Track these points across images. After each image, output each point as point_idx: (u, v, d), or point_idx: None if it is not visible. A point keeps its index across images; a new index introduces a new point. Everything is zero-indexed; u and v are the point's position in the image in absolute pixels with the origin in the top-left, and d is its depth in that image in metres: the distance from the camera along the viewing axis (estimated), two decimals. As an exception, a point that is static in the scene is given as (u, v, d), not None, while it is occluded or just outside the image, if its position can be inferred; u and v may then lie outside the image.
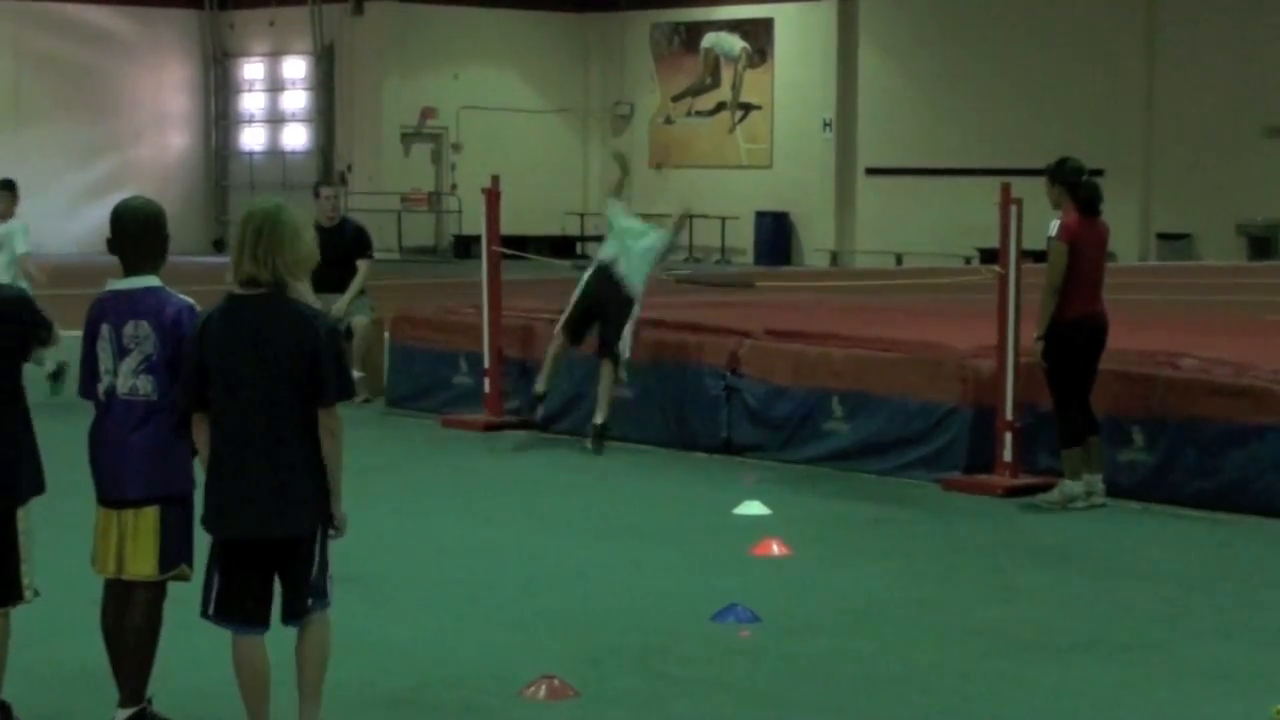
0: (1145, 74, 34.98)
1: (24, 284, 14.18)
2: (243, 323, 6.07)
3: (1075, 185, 11.37)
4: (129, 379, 6.38)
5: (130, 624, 6.43)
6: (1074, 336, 11.14)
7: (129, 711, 6.43)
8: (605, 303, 13.68)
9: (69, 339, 6.89)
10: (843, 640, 8.14)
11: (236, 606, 6.19)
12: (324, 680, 6.35)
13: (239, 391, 6.05)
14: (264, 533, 6.12)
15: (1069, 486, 11.20)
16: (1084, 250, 11.18)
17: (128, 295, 6.42)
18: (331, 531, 6.24)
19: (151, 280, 6.44)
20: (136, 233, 6.44)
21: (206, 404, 6.13)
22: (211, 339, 6.09)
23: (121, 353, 6.38)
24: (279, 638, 6.34)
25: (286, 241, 6.04)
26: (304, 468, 6.09)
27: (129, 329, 6.37)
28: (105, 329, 6.41)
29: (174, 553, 6.43)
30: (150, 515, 6.39)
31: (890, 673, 7.61)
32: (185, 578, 6.49)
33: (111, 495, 6.43)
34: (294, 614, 6.26)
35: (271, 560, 6.19)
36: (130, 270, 6.45)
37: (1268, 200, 33.44)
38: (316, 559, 6.21)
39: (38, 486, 6.51)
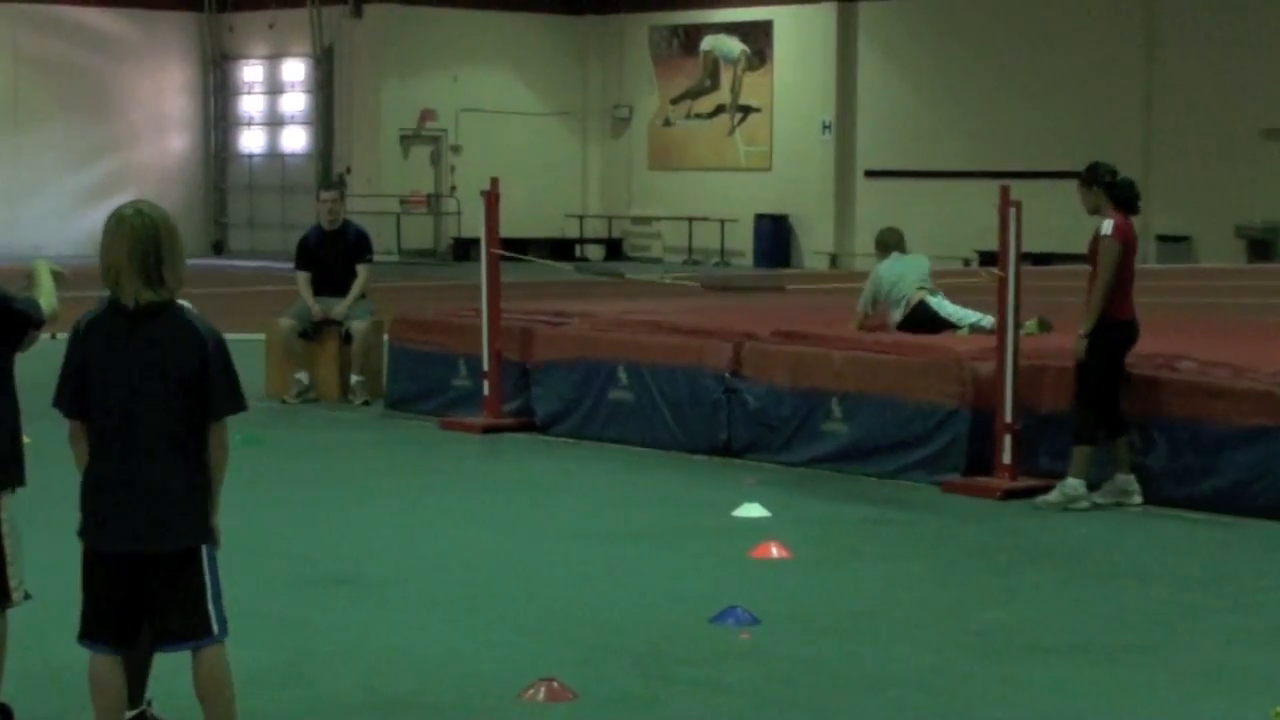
0: (1145, 75, 35.00)
1: None
2: (127, 328, 5.85)
3: (1112, 185, 11.41)
4: None
5: None
6: (1118, 336, 11.24)
7: (129, 714, 6.42)
8: None
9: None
10: (842, 642, 8.14)
11: (103, 624, 5.93)
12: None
13: (118, 399, 5.83)
14: (135, 546, 5.85)
15: (1072, 485, 11.19)
16: (1129, 250, 11.28)
17: None
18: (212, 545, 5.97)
19: None
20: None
21: (86, 409, 5.91)
22: (93, 342, 5.88)
23: None
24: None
25: (179, 253, 5.86)
26: (184, 482, 5.85)
27: None
28: None
29: None
30: None
31: (890, 675, 7.60)
32: None
33: None
34: (170, 637, 5.95)
35: (143, 577, 5.89)
36: None
37: (1267, 202, 33.46)
38: (201, 581, 5.90)
39: (16, 478, 6.47)
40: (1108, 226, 11.22)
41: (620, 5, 41.73)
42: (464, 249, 37.79)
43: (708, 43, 40.57)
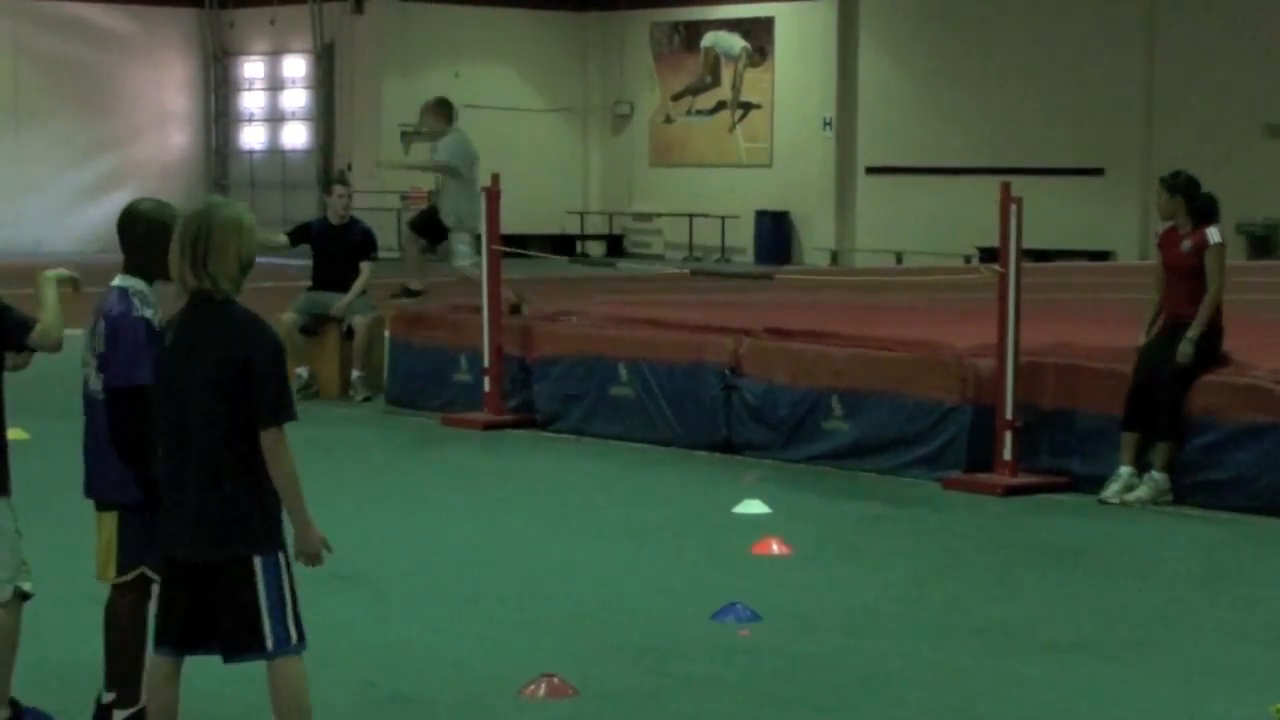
0: (1145, 74, 34.96)
1: None
2: (184, 325, 5.77)
3: (1194, 197, 11.54)
4: (95, 377, 6.36)
5: (113, 626, 6.41)
6: (1217, 342, 11.35)
7: (127, 712, 6.41)
8: None
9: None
10: (843, 639, 8.14)
11: (166, 626, 5.85)
12: None
13: (170, 398, 5.76)
14: (188, 554, 5.76)
15: (1162, 479, 11.21)
16: None
17: (109, 293, 6.40)
18: (301, 560, 5.85)
19: (128, 281, 6.37)
20: (126, 234, 6.39)
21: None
22: (161, 348, 5.84)
23: (92, 350, 6.38)
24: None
25: (231, 249, 5.72)
26: (230, 489, 5.69)
27: (98, 327, 6.35)
28: (91, 322, 6.41)
29: (131, 558, 6.35)
30: (110, 519, 6.35)
31: (890, 671, 7.61)
32: (152, 581, 6.35)
33: (88, 494, 6.44)
34: (233, 649, 5.81)
35: (202, 585, 5.79)
36: (124, 269, 6.43)
37: (1267, 200, 33.42)
38: (254, 593, 5.74)
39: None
40: (1214, 235, 11.33)
41: (621, 2, 41.70)
42: (465, 245, 37.74)
43: (708, 39, 40.54)
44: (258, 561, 5.73)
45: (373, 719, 6.96)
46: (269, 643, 5.75)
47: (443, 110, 16.16)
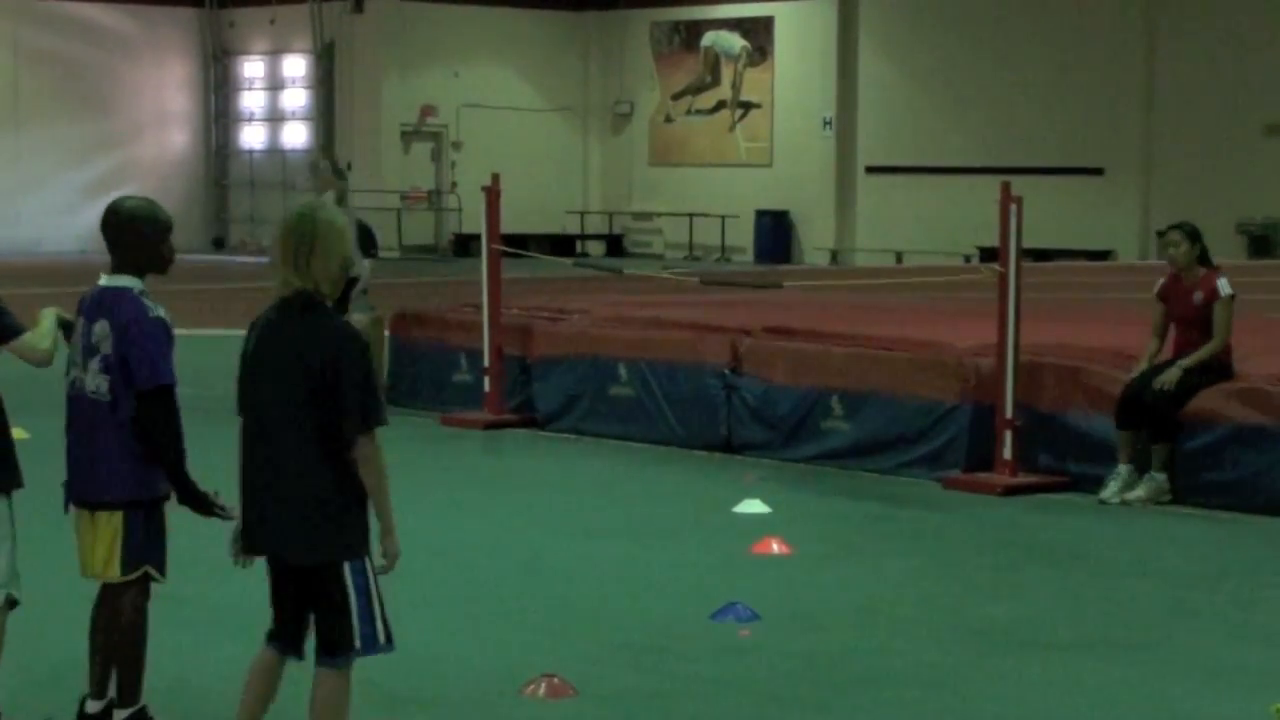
0: (1145, 73, 34.98)
1: None
2: (275, 325, 5.78)
3: (1201, 242, 11.64)
4: (94, 378, 6.28)
5: (115, 626, 6.35)
6: (1214, 380, 11.33)
7: (127, 712, 6.40)
8: None
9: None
10: (843, 638, 8.14)
11: (273, 621, 5.94)
12: None
13: (257, 399, 5.78)
14: (272, 553, 5.82)
15: (1162, 479, 11.21)
16: None
17: (104, 293, 6.33)
18: (381, 563, 5.87)
19: (127, 281, 6.32)
20: (113, 233, 6.34)
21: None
22: (250, 338, 5.84)
23: (89, 350, 6.30)
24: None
25: (333, 251, 5.73)
26: (316, 493, 5.71)
27: (98, 328, 6.27)
28: (81, 323, 6.34)
29: (136, 557, 6.31)
30: (114, 519, 6.28)
31: (890, 671, 7.61)
32: (154, 579, 6.36)
33: (82, 496, 6.34)
34: (325, 648, 5.84)
35: (294, 586, 5.85)
36: (112, 269, 6.37)
37: (1267, 199, 33.45)
38: (350, 594, 5.77)
39: (14, 481, 6.42)
40: (1227, 286, 11.40)
41: (621, 1, 41.72)
42: (465, 245, 37.80)
43: (708, 38, 40.56)
44: (346, 566, 5.78)
45: (373, 718, 6.96)
46: (358, 642, 5.81)
47: (334, 169, 15.81)
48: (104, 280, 6.38)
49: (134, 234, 6.34)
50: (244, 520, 5.86)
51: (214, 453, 6.79)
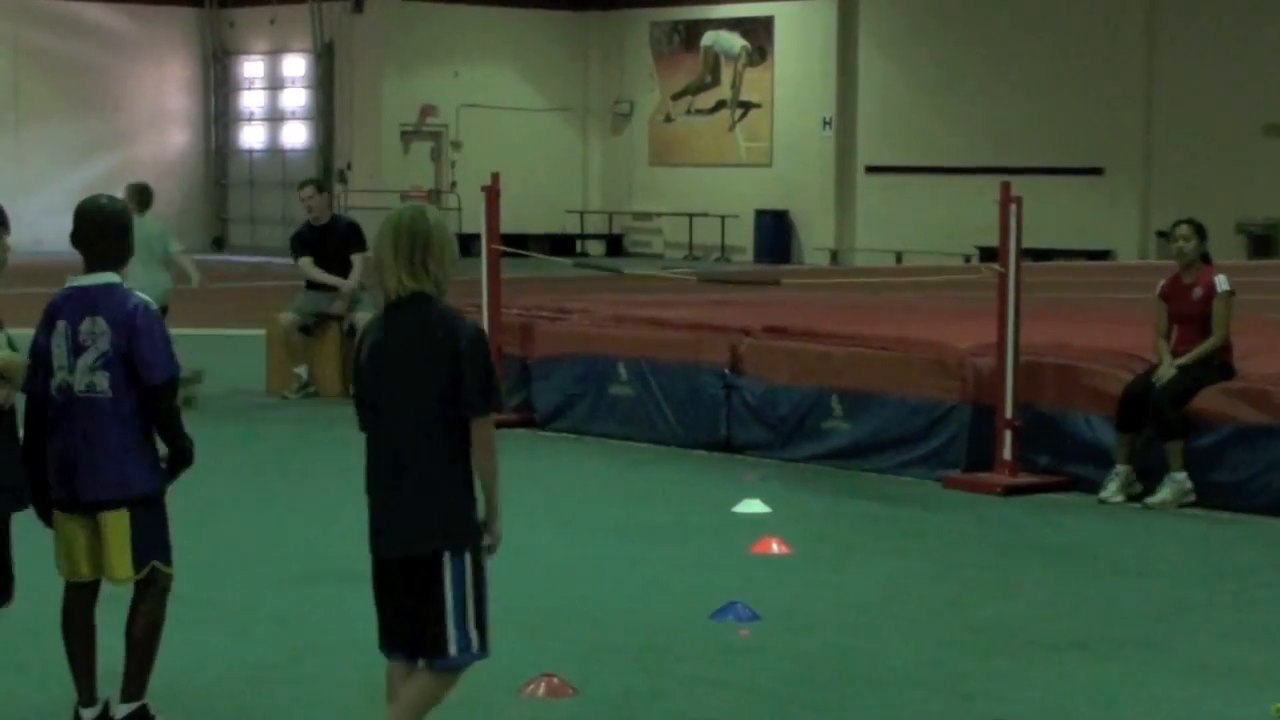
0: (1145, 73, 34.97)
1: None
2: (389, 325, 5.83)
3: (1205, 239, 11.66)
4: (86, 376, 6.26)
5: (133, 625, 6.36)
6: (1215, 377, 11.33)
7: (130, 708, 6.40)
8: None
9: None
10: (842, 638, 8.14)
11: (381, 630, 5.88)
12: None
13: (378, 396, 5.81)
14: (387, 552, 5.81)
15: (1183, 478, 11.20)
16: None
17: (86, 292, 6.32)
18: (488, 543, 5.83)
19: (111, 278, 6.34)
20: (95, 232, 6.35)
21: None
22: (365, 348, 5.88)
23: (77, 350, 6.27)
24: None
25: (447, 252, 5.88)
26: (438, 485, 5.73)
27: (86, 325, 6.27)
28: (62, 325, 6.31)
29: (146, 552, 6.31)
30: (120, 517, 6.27)
31: (890, 670, 7.61)
32: (164, 574, 6.37)
33: (81, 497, 6.29)
34: (420, 652, 5.84)
35: (403, 585, 5.80)
36: (91, 267, 6.37)
37: (1268, 199, 33.44)
38: (440, 593, 5.73)
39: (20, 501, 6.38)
40: (1224, 282, 11.39)
41: (621, 1, 41.72)
42: (464, 244, 37.62)
43: (708, 38, 40.56)
44: (446, 558, 5.73)
45: (373, 718, 6.96)
46: (452, 647, 5.78)
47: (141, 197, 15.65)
48: (82, 280, 6.37)
49: (115, 232, 6.37)
50: (372, 523, 5.85)
51: (211, 454, 6.80)
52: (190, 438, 6.41)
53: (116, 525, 6.29)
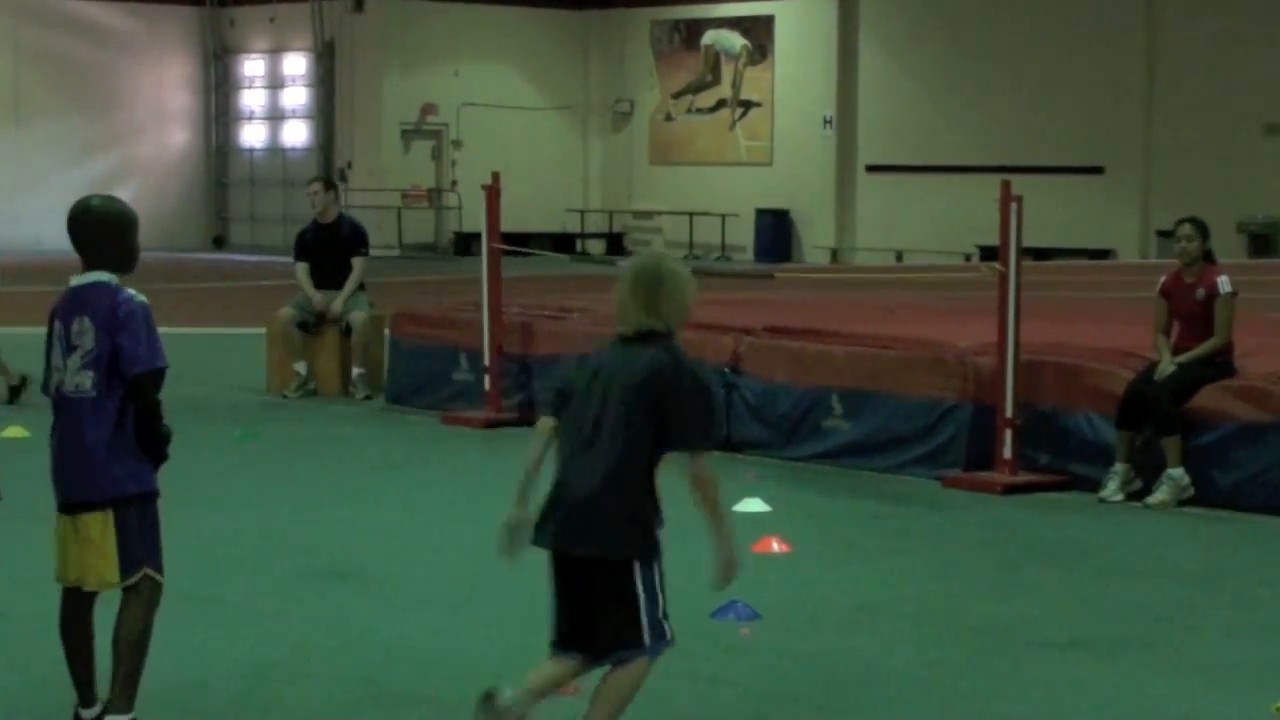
0: (1145, 72, 34.98)
1: None
2: (624, 354, 6.25)
3: (1209, 238, 11.66)
4: (74, 376, 6.23)
5: (118, 633, 6.24)
6: (1215, 375, 11.33)
7: (87, 713, 6.36)
8: None
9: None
10: (843, 637, 8.14)
11: (554, 626, 6.30)
12: None
13: (590, 411, 6.22)
14: (564, 546, 6.25)
15: (1180, 476, 11.19)
16: None
17: (78, 292, 6.31)
18: (723, 575, 6.43)
19: (101, 277, 6.30)
20: (88, 233, 6.31)
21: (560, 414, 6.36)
22: (585, 364, 6.34)
23: (69, 350, 6.25)
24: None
25: (680, 294, 6.31)
26: (625, 494, 6.22)
27: (75, 325, 6.25)
28: (58, 326, 6.30)
29: (134, 557, 6.22)
30: (104, 519, 6.19)
31: (890, 669, 7.61)
32: (154, 581, 6.28)
33: (65, 498, 6.25)
34: (613, 646, 6.23)
35: (582, 584, 6.25)
36: (86, 268, 6.34)
37: (1267, 198, 33.45)
38: (639, 591, 6.22)
39: None
40: (1227, 284, 11.40)
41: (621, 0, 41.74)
42: (465, 243, 37.81)
43: (709, 37, 40.57)
44: (637, 566, 6.23)
45: (373, 717, 6.96)
46: (647, 638, 6.22)
47: None
48: (76, 280, 6.36)
49: (106, 232, 6.34)
50: (545, 518, 6.31)
51: (212, 453, 6.79)
52: (169, 431, 6.32)
53: (97, 527, 6.20)
